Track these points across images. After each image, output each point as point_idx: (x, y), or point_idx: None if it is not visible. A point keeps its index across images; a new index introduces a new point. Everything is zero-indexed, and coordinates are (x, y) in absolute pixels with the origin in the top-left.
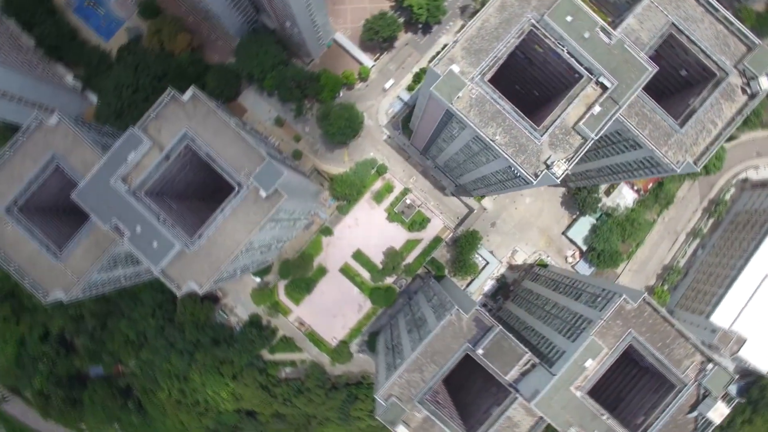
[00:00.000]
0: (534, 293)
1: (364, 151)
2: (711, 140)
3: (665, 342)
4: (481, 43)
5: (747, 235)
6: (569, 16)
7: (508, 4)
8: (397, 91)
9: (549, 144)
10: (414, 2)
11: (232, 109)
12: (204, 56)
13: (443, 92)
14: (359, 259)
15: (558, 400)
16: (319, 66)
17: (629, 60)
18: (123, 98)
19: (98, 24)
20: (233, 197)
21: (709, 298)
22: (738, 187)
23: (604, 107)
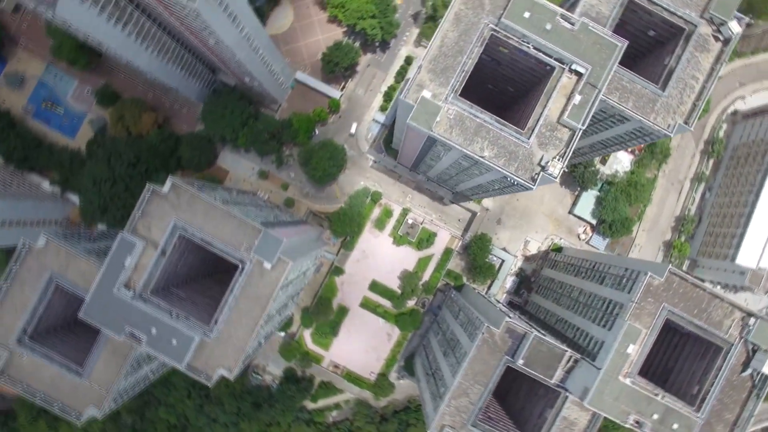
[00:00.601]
0: (556, 281)
1: (354, 182)
2: (696, 96)
3: (701, 307)
4: (446, 61)
5: (751, 168)
6: (526, 12)
7: (462, 15)
8: (371, 113)
9: (538, 144)
10: (366, 25)
11: (214, 173)
12: (173, 128)
13: (421, 121)
14: (377, 290)
15: (609, 393)
16: (288, 109)
17: (597, 40)
18: (103, 193)
19: (60, 124)
20: (239, 275)
21: (729, 240)
22: (729, 122)
23: (584, 94)
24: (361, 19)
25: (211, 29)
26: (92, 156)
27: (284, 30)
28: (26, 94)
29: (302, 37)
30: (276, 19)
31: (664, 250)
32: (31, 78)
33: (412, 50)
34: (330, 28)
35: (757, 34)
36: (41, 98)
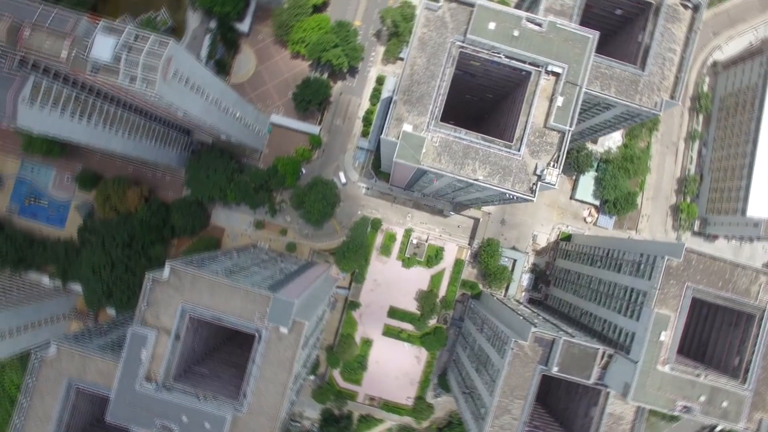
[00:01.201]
0: (573, 272)
1: (351, 212)
2: (677, 68)
3: (725, 278)
4: (420, 89)
5: (742, 117)
6: (491, 23)
7: (426, 38)
8: (354, 141)
9: (530, 154)
10: (330, 56)
11: (210, 234)
12: (160, 198)
13: (407, 157)
14: (396, 316)
15: (651, 384)
16: (270, 154)
17: (568, 37)
18: (104, 279)
19: (47, 216)
20: (257, 345)
21: (735, 194)
22: (711, 74)
23: (565, 95)
24: (324, 52)
25: (176, 105)
26: (86, 243)
27: (250, 75)
28: (7, 193)
29: (269, 79)
30: (240, 66)
31: (672, 214)
32: (8, 177)
33: (381, 69)
34: (295, 64)
35: None
36: (23, 195)
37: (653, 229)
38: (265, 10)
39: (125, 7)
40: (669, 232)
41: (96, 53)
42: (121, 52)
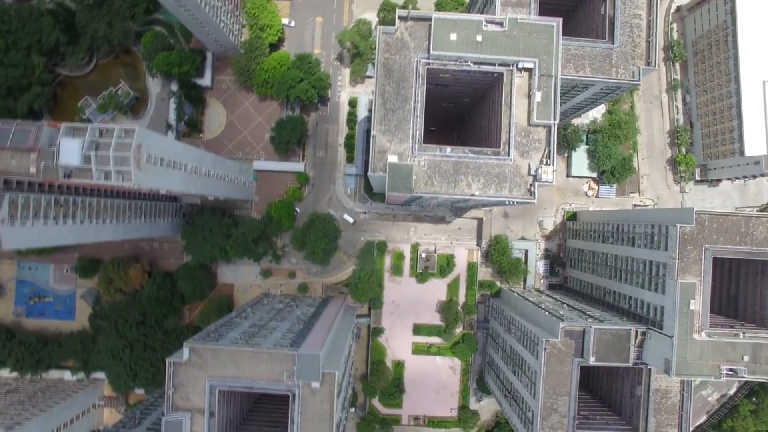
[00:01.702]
0: (586, 252)
1: (354, 240)
2: (646, 32)
3: (741, 232)
4: (395, 116)
5: (719, 57)
6: (451, 34)
7: (391, 63)
8: (341, 169)
9: (520, 155)
10: (298, 92)
11: (220, 292)
12: (163, 268)
13: (399, 187)
14: (422, 332)
15: (691, 355)
16: (261, 201)
17: (531, 29)
18: (126, 362)
19: (55, 311)
20: (293, 404)
21: (729, 135)
22: (677, 20)
23: (542, 89)
24: (291, 89)
25: (156, 185)
26: (99, 331)
27: (223, 128)
28: (10, 298)
29: (243, 127)
30: (211, 121)
31: (671, 168)
32: (7, 281)
33: (351, 91)
34: (265, 106)
35: None
36: (27, 296)
37: (655, 187)
38: (222, 59)
39: (84, 89)
40: (671, 186)
41: (64, 159)
42: (89, 151)
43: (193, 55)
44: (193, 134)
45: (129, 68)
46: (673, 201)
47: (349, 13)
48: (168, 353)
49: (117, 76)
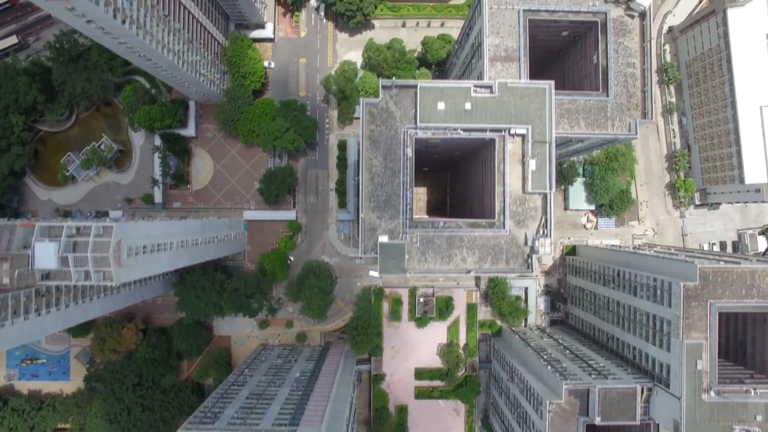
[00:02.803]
0: (587, 292)
1: (351, 285)
2: (641, 82)
3: (747, 284)
4: (384, 191)
5: (714, 81)
6: (439, 103)
7: (376, 135)
8: (333, 215)
9: (516, 225)
10: (285, 143)
11: (217, 345)
12: (157, 324)
13: (391, 268)
14: (424, 376)
15: (701, 416)
16: (254, 251)
17: (523, 93)
18: (123, 425)
19: (49, 372)
20: None
21: (728, 161)
22: (669, 41)
23: (536, 156)
24: (276, 140)
25: (140, 275)
26: (94, 392)
27: (210, 177)
28: (1, 362)
29: (231, 175)
30: (198, 171)
31: (670, 193)
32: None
33: (339, 134)
34: (252, 153)
35: None
36: (19, 359)
37: (655, 213)
38: (206, 107)
39: (66, 144)
40: (671, 211)
41: (40, 263)
42: (66, 253)
43: (175, 107)
44: (180, 186)
45: (111, 120)
46: (673, 226)
47: (333, 53)
48: (167, 413)
49: (99, 128)
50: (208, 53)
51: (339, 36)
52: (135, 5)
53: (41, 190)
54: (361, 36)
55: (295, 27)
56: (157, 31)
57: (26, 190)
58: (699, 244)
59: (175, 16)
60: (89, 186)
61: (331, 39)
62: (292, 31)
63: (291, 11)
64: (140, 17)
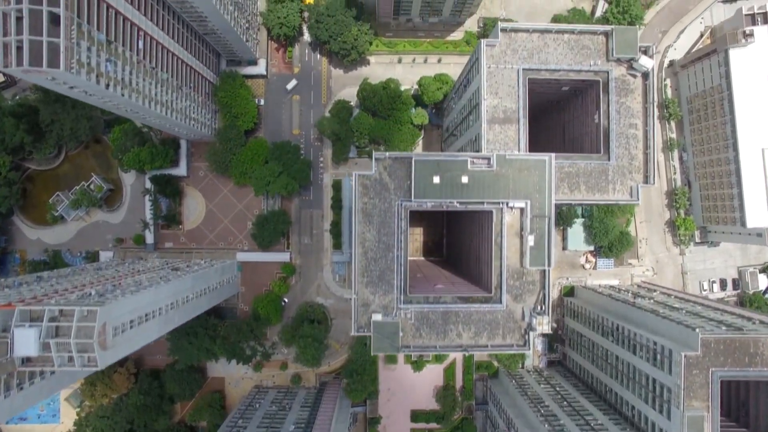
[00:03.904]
0: (586, 338)
1: (346, 327)
2: (644, 143)
3: (750, 353)
4: (378, 265)
5: (716, 120)
6: (435, 176)
7: (369, 208)
8: (328, 256)
9: (513, 299)
10: (278, 188)
11: (211, 387)
12: (149, 365)
13: (385, 347)
14: (420, 419)
15: None
16: (247, 292)
17: (522, 166)
18: None
19: (38, 415)
20: None
21: (729, 202)
22: (670, 75)
23: (535, 231)
24: (270, 184)
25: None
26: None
27: (203, 218)
28: None
29: (224, 215)
30: (190, 211)
31: (670, 230)
32: None
33: (334, 173)
34: (245, 193)
35: None
36: None
37: (654, 250)
38: (198, 144)
39: (55, 182)
40: (671, 248)
41: (20, 351)
42: (48, 338)
43: (165, 148)
44: (172, 226)
45: (101, 157)
46: (673, 264)
47: (327, 90)
48: None
49: (89, 166)
50: (199, 95)
51: (333, 72)
52: (120, 65)
53: (30, 230)
54: (356, 72)
55: (288, 63)
56: (143, 86)
57: (14, 229)
58: (699, 282)
59: (163, 66)
60: (79, 225)
61: (325, 75)
62: (285, 67)
63: (284, 46)
64: (125, 77)
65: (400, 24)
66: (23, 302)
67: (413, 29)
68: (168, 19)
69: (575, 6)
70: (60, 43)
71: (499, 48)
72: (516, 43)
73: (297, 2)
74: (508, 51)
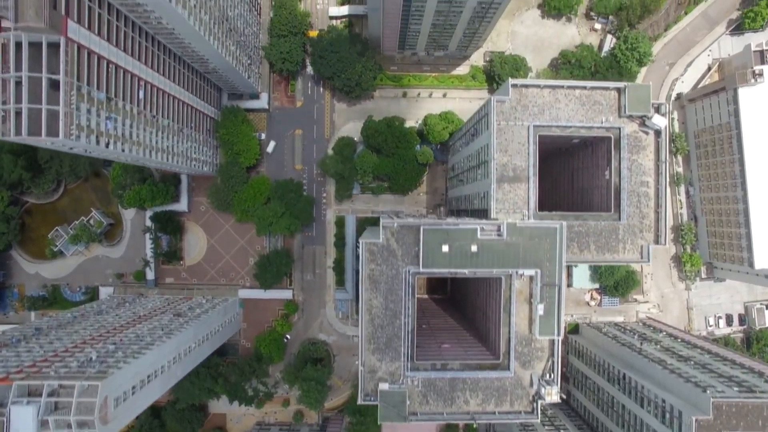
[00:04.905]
0: (591, 380)
1: (349, 363)
2: (655, 202)
3: (763, 416)
4: (384, 332)
5: (724, 158)
6: (444, 245)
7: (377, 274)
8: (331, 293)
9: (521, 366)
10: (280, 228)
11: (213, 423)
12: None
13: (392, 416)
14: None
15: None
16: (249, 329)
17: (533, 234)
18: None
19: None
20: None
21: (737, 242)
22: (677, 107)
23: (545, 300)
24: (272, 225)
25: (130, 417)
26: None
27: (204, 252)
28: None
29: (225, 251)
30: (191, 247)
31: (676, 266)
32: None
33: (337, 209)
34: (246, 229)
35: (661, 15)
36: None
37: (660, 286)
38: (199, 179)
39: (54, 215)
40: (676, 284)
41: (17, 428)
42: (47, 415)
43: (166, 186)
44: (173, 262)
45: (100, 191)
46: (679, 299)
47: (330, 124)
48: None
49: (88, 200)
50: (200, 134)
51: (337, 106)
52: (120, 121)
53: (28, 264)
54: (360, 106)
55: (291, 96)
56: (144, 137)
57: (12, 263)
58: (705, 317)
59: (164, 112)
60: (78, 260)
61: (329, 109)
62: (288, 101)
63: (287, 79)
64: (125, 131)
65: (405, 57)
66: (21, 372)
67: (418, 63)
68: (169, 62)
69: (583, 41)
70: (59, 110)
71: (509, 104)
72: (527, 98)
73: (300, 36)
74: (519, 107)
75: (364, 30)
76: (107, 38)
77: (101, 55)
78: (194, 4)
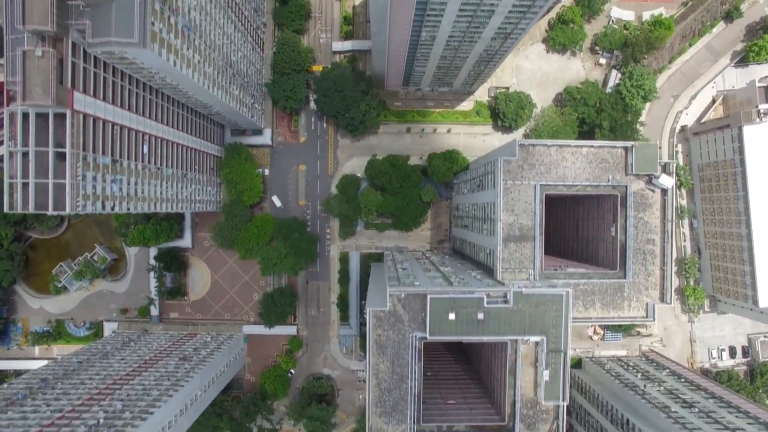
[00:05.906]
0: (595, 420)
1: (352, 398)
2: (661, 260)
3: None
4: (391, 396)
5: (728, 194)
6: (451, 313)
7: (383, 340)
8: (335, 329)
9: (526, 428)
10: (284, 268)
11: None
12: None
13: None
14: None
15: None
16: (253, 363)
17: (539, 301)
18: None
19: None
20: None
21: (741, 278)
22: (681, 140)
23: (550, 366)
24: (277, 265)
25: None
26: None
27: (208, 288)
28: None
29: (229, 286)
30: (195, 283)
31: (678, 297)
32: None
33: (341, 245)
34: (250, 264)
35: (665, 48)
36: None
37: (663, 318)
38: (202, 214)
39: (57, 250)
40: (679, 316)
41: None
42: None
43: (169, 224)
44: (178, 297)
45: (104, 226)
46: (681, 332)
47: (333, 160)
48: None
49: (92, 234)
50: (203, 174)
51: (340, 141)
52: (125, 180)
53: (32, 299)
54: (363, 141)
55: (294, 131)
56: (149, 191)
57: (16, 298)
58: (708, 349)
59: (168, 161)
60: (82, 294)
61: (332, 145)
62: (291, 136)
63: (290, 115)
64: (131, 190)
65: (409, 93)
66: None
67: (422, 98)
68: (172, 109)
69: (588, 75)
70: (66, 183)
71: (515, 163)
72: (533, 157)
73: (303, 73)
74: (526, 165)
75: (367, 66)
76: (112, 101)
77: (106, 120)
78: (198, 60)
